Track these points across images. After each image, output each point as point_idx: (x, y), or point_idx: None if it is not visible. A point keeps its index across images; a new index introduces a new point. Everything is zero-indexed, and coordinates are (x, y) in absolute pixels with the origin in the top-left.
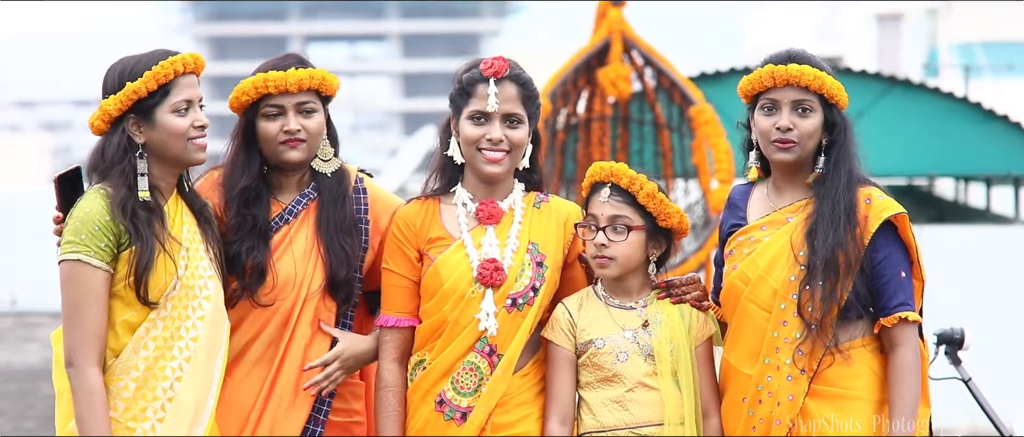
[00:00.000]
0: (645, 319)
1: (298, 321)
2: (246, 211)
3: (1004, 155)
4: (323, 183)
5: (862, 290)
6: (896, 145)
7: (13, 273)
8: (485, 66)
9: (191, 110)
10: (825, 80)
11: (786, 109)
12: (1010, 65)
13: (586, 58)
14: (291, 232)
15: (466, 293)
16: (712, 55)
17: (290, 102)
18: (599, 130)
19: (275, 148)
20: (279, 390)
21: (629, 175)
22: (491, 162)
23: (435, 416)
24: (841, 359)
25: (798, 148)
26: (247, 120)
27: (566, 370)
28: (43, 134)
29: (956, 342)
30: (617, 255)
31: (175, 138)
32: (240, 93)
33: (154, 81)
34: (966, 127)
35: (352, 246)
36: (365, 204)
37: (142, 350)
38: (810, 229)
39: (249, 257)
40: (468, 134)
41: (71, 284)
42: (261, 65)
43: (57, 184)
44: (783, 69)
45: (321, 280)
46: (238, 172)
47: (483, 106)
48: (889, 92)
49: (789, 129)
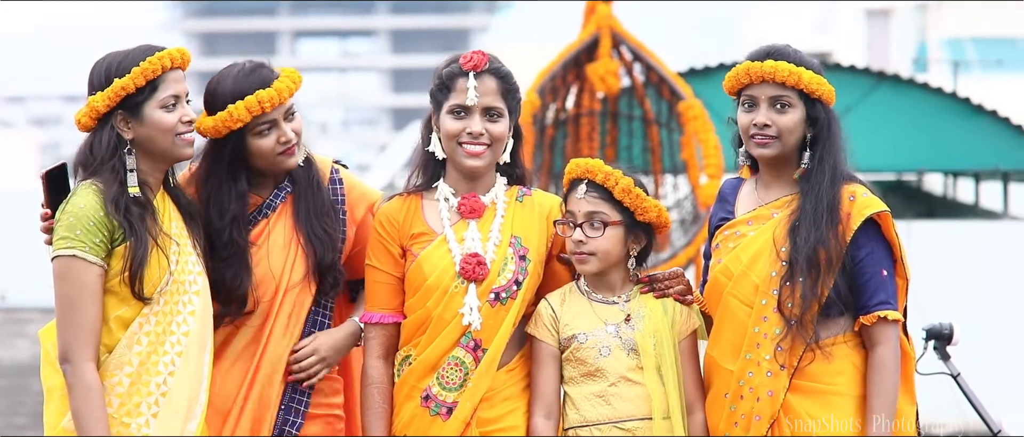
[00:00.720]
0: (628, 314)
1: (277, 314)
2: (237, 237)
3: (993, 150)
4: (296, 174)
5: (843, 287)
6: (885, 140)
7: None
8: (464, 60)
9: (178, 105)
10: (802, 75)
11: (764, 105)
12: (999, 60)
13: (575, 54)
14: (269, 225)
15: (449, 288)
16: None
17: (280, 113)
18: (588, 126)
19: (272, 160)
20: (260, 381)
21: (604, 171)
22: (472, 155)
23: (421, 412)
24: (822, 355)
25: (778, 143)
26: (234, 143)
27: (550, 365)
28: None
29: (945, 337)
30: (595, 251)
31: (163, 134)
32: (230, 121)
33: (142, 77)
34: (955, 122)
35: (333, 227)
36: (342, 194)
37: (135, 345)
38: (793, 225)
39: (234, 283)
40: (449, 128)
41: (65, 280)
42: (230, 87)
43: (44, 180)
44: (758, 66)
45: (302, 271)
46: (227, 198)
47: (463, 100)
48: (878, 87)
49: (766, 125)
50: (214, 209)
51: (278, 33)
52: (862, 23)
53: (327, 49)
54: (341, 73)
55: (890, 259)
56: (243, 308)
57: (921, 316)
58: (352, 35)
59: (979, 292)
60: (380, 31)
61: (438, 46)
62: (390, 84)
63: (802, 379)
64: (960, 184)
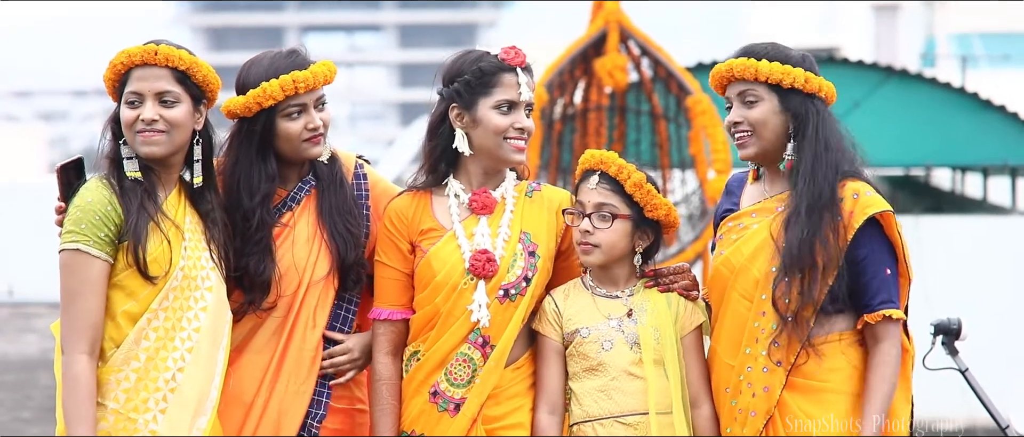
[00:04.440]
0: (631, 308)
1: (301, 307)
2: (267, 217)
3: (1001, 145)
4: (320, 169)
5: (844, 285)
6: (893, 135)
7: (10, 264)
8: (509, 55)
9: (142, 104)
10: (760, 67)
11: (736, 103)
12: (1007, 55)
13: (583, 48)
14: (293, 218)
15: (459, 284)
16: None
17: (312, 99)
18: (596, 120)
19: (297, 146)
20: (284, 375)
21: (618, 163)
22: (519, 150)
23: (429, 407)
24: (819, 352)
25: (755, 139)
26: (264, 122)
27: (554, 361)
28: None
29: (953, 332)
30: (601, 242)
31: (126, 129)
32: (262, 97)
33: (112, 72)
34: (963, 117)
35: (356, 226)
36: (366, 189)
37: (143, 341)
38: (785, 220)
39: (258, 268)
40: (497, 123)
41: (69, 273)
42: (266, 65)
43: (59, 174)
44: (719, 67)
45: (326, 267)
46: (257, 177)
47: (513, 95)
48: (886, 82)
49: (738, 122)
50: (244, 189)
51: (285, 28)
52: (870, 18)
53: (334, 44)
54: (348, 68)
55: (892, 258)
56: (266, 295)
57: (929, 311)
58: (359, 30)
59: (987, 287)
60: (387, 26)
61: (445, 41)
62: (397, 79)
63: (798, 377)
64: (968, 179)
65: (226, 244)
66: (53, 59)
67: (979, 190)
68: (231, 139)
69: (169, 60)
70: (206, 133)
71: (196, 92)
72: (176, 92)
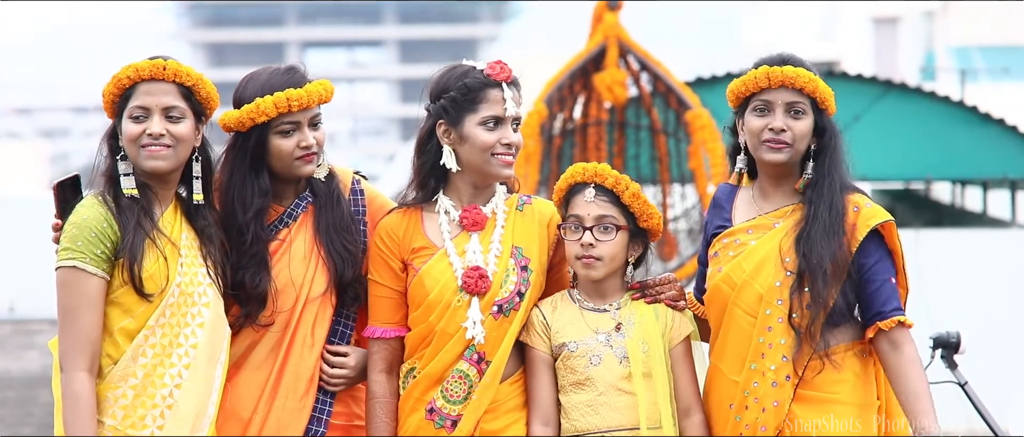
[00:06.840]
0: (619, 321)
1: (299, 324)
2: (260, 232)
3: (1000, 159)
4: (317, 186)
5: (850, 296)
6: (893, 149)
7: (11, 280)
8: (494, 71)
9: (148, 118)
10: (818, 84)
11: (780, 110)
12: (1006, 69)
13: (582, 63)
14: (290, 235)
15: (452, 302)
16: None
17: (306, 117)
18: (595, 135)
19: (289, 163)
20: (282, 391)
21: (614, 175)
22: (507, 165)
23: (426, 424)
24: (826, 364)
25: (790, 150)
26: (257, 137)
27: (544, 372)
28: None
29: (952, 346)
30: (604, 255)
31: (130, 143)
32: (255, 113)
33: (115, 86)
34: (962, 131)
35: (354, 243)
36: (363, 205)
37: (140, 357)
38: (800, 235)
39: (253, 282)
40: (484, 139)
41: (66, 290)
42: (263, 81)
43: (56, 191)
44: (778, 70)
45: (323, 284)
46: (250, 192)
47: (499, 111)
48: (886, 96)
49: (783, 130)
50: (238, 203)
51: (286, 43)
52: (869, 31)
53: (335, 59)
54: (349, 83)
55: (894, 268)
56: (263, 308)
57: (928, 324)
58: (360, 45)
59: (987, 301)
60: (388, 41)
61: (446, 56)
62: (398, 94)
63: (806, 389)
64: (968, 192)
65: (223, 260)
66: (54, 76)
67: (979, 204)
68: (226, 153)
69: (177, 76)
70: (204, 150)
71: (198, 109)
72: (182, 108)
